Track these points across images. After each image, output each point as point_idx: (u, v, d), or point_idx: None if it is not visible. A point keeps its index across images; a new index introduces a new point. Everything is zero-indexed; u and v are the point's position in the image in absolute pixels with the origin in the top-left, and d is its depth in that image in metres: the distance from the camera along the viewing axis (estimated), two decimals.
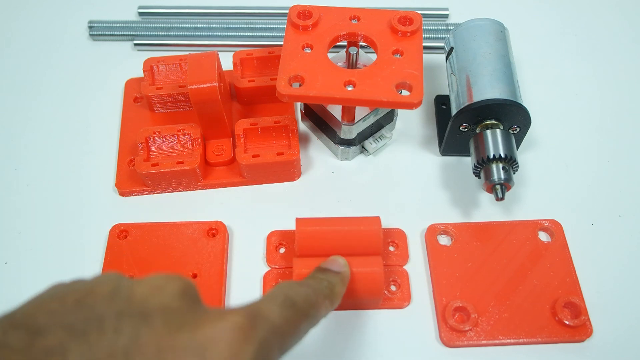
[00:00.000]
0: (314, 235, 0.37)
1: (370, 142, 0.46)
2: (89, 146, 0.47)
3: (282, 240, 0.42)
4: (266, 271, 0.40)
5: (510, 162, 0.40)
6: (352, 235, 0.37)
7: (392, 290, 0.39)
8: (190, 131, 0.43)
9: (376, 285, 0.36)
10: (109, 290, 0.22)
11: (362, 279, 0.35)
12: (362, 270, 0.35)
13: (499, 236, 0.41)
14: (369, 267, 0.36)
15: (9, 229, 0.43)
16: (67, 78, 0.52)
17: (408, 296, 0.39)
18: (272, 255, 0.41)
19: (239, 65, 0.48)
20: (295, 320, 0.26)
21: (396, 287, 0.39)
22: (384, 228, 0.41)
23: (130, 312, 0.21)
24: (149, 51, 0.54)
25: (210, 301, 0.38)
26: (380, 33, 0.41)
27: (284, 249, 0.41)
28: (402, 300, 0.39)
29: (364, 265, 0.36)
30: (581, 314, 0.37)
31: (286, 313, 0.26)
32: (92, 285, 0.22)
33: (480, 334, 0.37)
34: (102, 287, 0.22)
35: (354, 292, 0.35)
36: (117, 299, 0.21)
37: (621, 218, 0.43)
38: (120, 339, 0.20)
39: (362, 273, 0.35)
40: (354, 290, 0.35)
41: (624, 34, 0.56)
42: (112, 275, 0.23)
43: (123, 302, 0.21)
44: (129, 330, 0.20)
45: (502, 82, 0.41)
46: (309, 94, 0.38)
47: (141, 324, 0.20)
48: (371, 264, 0.36)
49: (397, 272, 0.40)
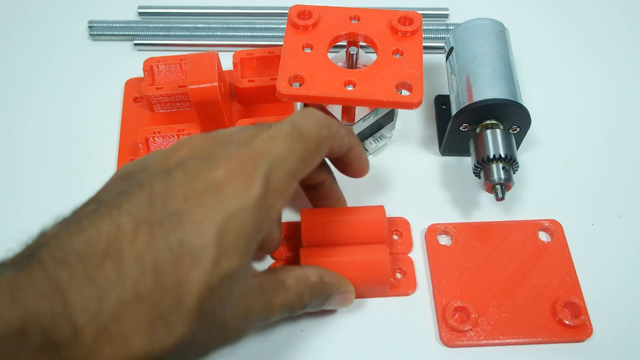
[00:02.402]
0: (319, 225, 0.38)
1: (370, 142, 0.46)
2: (89, 146, 0.47)
3: (287, 232, 0.42)
4: (272, 263, 0.41)
5: (510, 162, 0.40)
6: (357, 224, 0.38)
7: (397, 278, 0.40)
8: (190, 131, 0.43)
9: (383, 272, 0.37)
10: (143, 163, 0.28)
11: (368, 266, 0.36)
12: (368, 258, 0.37)
13: (499, 236, 0.41)
14: (375, 255, 0.37)
15: (9, 229, 0.43)
16: (67, 78, 0.52)
17: (414, 283, 0.40)
18: None
19: (239, 65, 0.48)
20: (302, 148, 0.29)
21: (402, 275, 0.40)
22: (388, 217, 0.41)
23: (157, 172, 0.27)
24: (149, 51, 0.54)
25: None
26: (380, 33, 0.41)
27: (289, 241, 0.42)
28: (407, 287, 0.39)
29: (370, 253, 0.37)
30: (581, 314, 0.37)
31: (291, 143, 0.29)
32: (139, 162, 0.29)
33: (480, 334, 0.37)
34: (141, 163, 0.29)
35: (360, 279, 0.36)
36: (150, 166, 0.28)
37: (621, 218, 0.43)
38: (155, 190, 0.26)
39: (369, 261, 0.36)
40: (360, 278, 0.36)
41: (625, 33, 0.56)
42: (153, 155, 0.29)
43: (154, 166, 0.28)
44: (160, 184, 0.26)
45: (502, 82, 0.41)
46: (309, 94, 0.38)
47: (167, 177, 0.26)
48: (377, 252, 0.37)
49: (402, 259, 0.40)
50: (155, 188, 0.26)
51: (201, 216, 0.25)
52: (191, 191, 0.25)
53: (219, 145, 0.29)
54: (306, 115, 0.31)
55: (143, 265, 0.24)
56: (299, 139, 0.29)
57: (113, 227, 0.24)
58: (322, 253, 0.36)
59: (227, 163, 0.27)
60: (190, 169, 0.26)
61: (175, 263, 0.24)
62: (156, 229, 0.24)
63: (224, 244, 0.25)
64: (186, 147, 0.29)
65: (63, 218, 0.27)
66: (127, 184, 0.27)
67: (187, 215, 0.25)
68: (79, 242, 0.24)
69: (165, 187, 0.26)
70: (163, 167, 0.27)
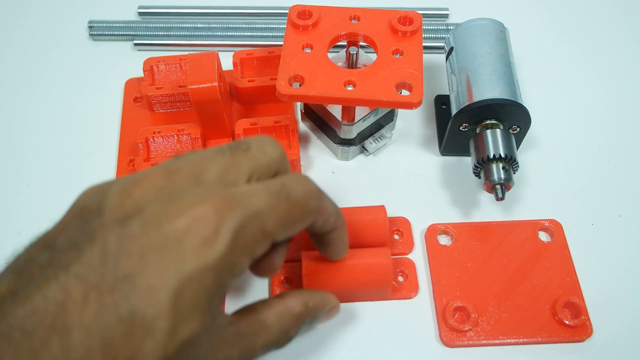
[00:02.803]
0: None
1: (370, 142, 0.46)
2: (89, 146, 0.47)
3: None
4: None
5: (510, 162, 0.40)
6: (358, 224, 0.38)
7: (399, 282, 0.40)
8: (190, 131, 0.43)
9: (385, 276, 0.37)
10: (99, 202, 0.25)
11: (370, 270, 0.36)
12: (370, 261, 0.36)
13: (499, 236, 0.41)
14: (377, 259, 0.37)
15: (9, 229, 0.43)
16: (67, 78, 0.52)
17: (416, 287, 0.39)
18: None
19: (239, 65, 0.48)
20: (284, 210, 0.27)
21: (404, 278, 0.40)
22: (388, 217, 0.41)
23: (112, 222, 0.24)
24: (149, 51, 0.54)
25: None
26: (380, 33, 0.41)
27: (289, 242, 0.41)
28: (409, 290, 0.39)
29: (372, 257, 0.37)
30: (581, 314, 0.37)
31: (275, 201, 0.26)
32: (97, 196, 0.26)
33: (480, 334, 0.37)
34: (98, 199, 0.25)
35: (362, 284, 0.36)
36: (105, 211, 0.25)
37: (621, 218, 0.43)
38: (108, 246, 0.23)
39: (371, 264, 0.36)
40: (362, 282, 0.36)
41: (625, 33, 0.56)
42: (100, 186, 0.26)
43: (109, 212, 0.25)
44: (113, 238, 0.23)
45: (502, 82, 0.41)
46: (309, 94, 0.38)
47: (122, 229, 0.24)
48: (379, 255, 0.37)
49: (404, 262, 0.40)
50: (108, 243, 0.23)
51: (156, 279, 0.23)
52: (148, 246, 0.23)
53: (188, 181, 0.26)
54: (299, 180, 0.28)
55: (91, 340, 0.22)
56: (284, 201, 0.27)
57: (61, 293, 0.22)
58: (323, 257, 0.36)
59: (193, 210, 0.24)
60: (149, 218, 0.24)
61: (126, 335, 0.22)
62: (106, 297, 0.22)
63: (180, 309, 0.23)
64: (150, 181, 0.26)
65: (15, 264, 0.25)
66: (80, 230, 0.24)
67: (140, 279, 0.23)
68: (24, 313, 0.22)
69: (119, 243, 0.23)
70: (120, 213, 0.24)
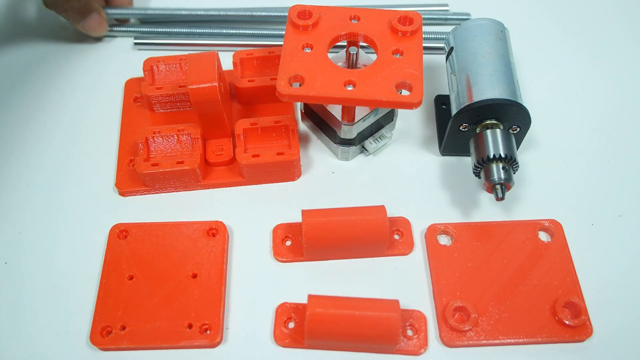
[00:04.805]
0: (321, 226, 0.38)
1: (370, 142, 0.46)
2: (88, 146, 0.47)
3: (288, 233, 0.42)
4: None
5: (510, 162, 0.40)
6: (358, 224, 0.38)
7: (408, 335, 0.37)
8: (190, 131, 0.43)
9: (392, 332, 0.35)
10: None
11: (377, 323, 0.35)
12: (377, 314, 0.35)
13: (499, 236, 0.41)
14: (385, 312, 0.35)
15: (9, 229, 0.43)
16: (67, 78, 0.52)
17: (425, 343, 0.37)
18: (278, 248, 0.41)
19: (239, 65, 0.48)
20: None
21: (413, 332, 0.37)
22: (389, 217, 0.41)
23: None
24: (149, 51, 0.54)
25: (210, 301, 0.38)
26: (380, 33, 0.41)
27: (290, 242, 0.42)
28: (419, 347, 0.37)
29: (380, 310, 0.35)
30: (581, 314, 0.37)
31: None
32: None
33: (480, 334, 0.37)
34: None
35: (367, 337, 0.35)
36: None
37: (621, 218, 0.43)
38: None
39: (378, 318, 0.35)
40: (368, 336, 0.35)
41: (624, 33, 0.56)
42: None
43: None
44: None
45: (502, 82, 0.41)
46: (309, 94, 0.38)
47: None
48: (388, 309, 0.35)
49: (414, 315, 0.38)
50: None
51: None
52: None
53: None
54: None
55: None
56: None
57: None
58: (329, 304, 0.35)
59: None
60: None
61: None
62: None
63: None
64: None
65: None
66: None
67: None
68: None
69: None
70: None
